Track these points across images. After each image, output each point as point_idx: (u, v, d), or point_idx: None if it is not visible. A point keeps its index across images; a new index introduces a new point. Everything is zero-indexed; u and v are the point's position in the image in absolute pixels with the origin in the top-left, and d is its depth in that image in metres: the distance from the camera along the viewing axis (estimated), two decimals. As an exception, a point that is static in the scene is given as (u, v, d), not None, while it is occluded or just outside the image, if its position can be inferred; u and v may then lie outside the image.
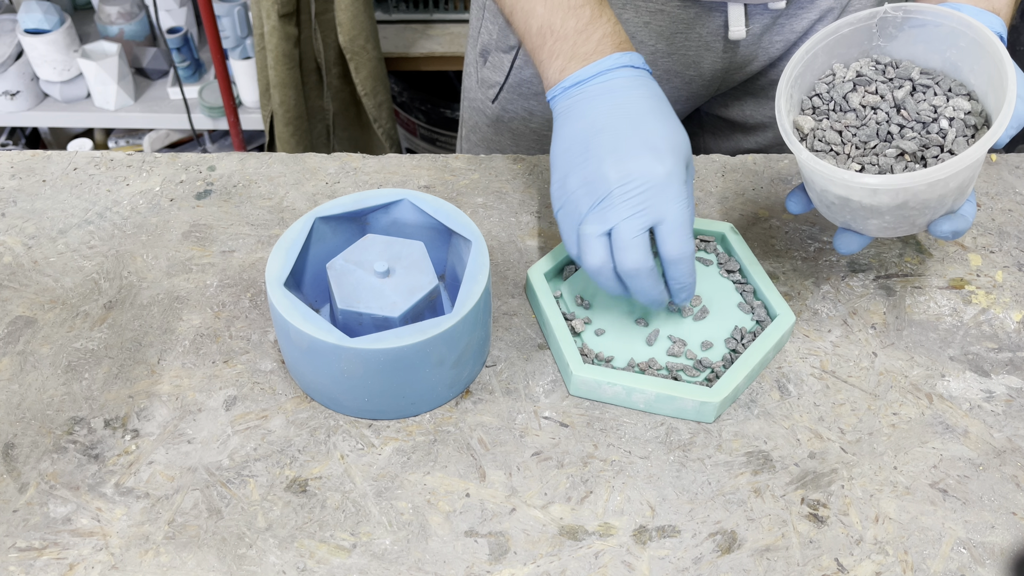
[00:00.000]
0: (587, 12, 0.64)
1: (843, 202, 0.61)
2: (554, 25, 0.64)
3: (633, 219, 0.59)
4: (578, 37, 0.64)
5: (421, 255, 0.63)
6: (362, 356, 0.57)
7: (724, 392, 0.61)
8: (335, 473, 0.59)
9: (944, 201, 0.60)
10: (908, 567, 0.56)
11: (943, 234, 0.62)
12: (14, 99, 1.78)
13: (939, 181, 0.57)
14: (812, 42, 0.63)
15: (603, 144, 0.61)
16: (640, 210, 0.59)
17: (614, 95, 0.62)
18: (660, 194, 0.60)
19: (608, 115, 0.62)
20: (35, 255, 0.72)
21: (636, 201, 0.59)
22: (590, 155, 0.61)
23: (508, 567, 0.55)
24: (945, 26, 0.61)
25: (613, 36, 0.64)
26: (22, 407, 0.62)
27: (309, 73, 1.67)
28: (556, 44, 0.64)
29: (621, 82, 0.63)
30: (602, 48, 0.64)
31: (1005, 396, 0.65)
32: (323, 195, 0.78)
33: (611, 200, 0.60)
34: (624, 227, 0.60)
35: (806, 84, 0.65)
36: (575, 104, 0.63)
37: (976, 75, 0.61)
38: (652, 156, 0.60)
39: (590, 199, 0.61)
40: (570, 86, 0.64)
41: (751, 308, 0.68)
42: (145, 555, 0.55)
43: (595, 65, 0.63)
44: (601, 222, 0.60)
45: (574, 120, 0.63)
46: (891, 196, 0.58)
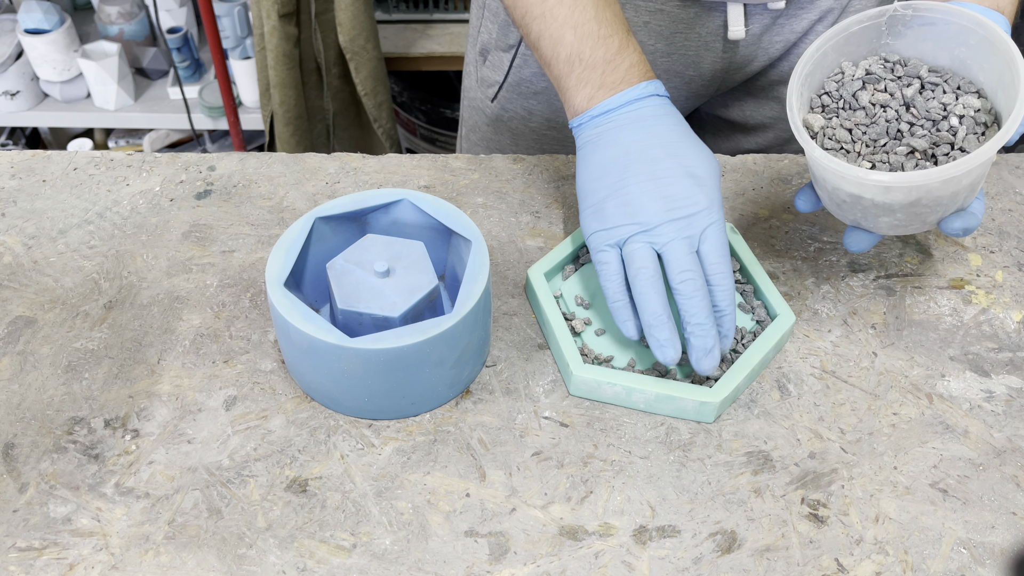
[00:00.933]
0: (615, 42, 0.65)
1: (855, 200, 0.61)
2: (583, 54, 0.65)
3: (684, 240, 0.61)
4: (607, 66, 0.65)
5: (421, 255, 0.63)
6: (362, 356, 0.57)
7: (724, 392, 0.61)
8: (335, 473, 0.59)
9: (956, 198, 0.60)
10: (908, 567, 0.56)
11: (954, 231, 0.62)
12: (14, 99, 1.78)
13: (953, 178, 0.57)
14: (822, 40, 0.63)
15: (641, 171, 0.62)
16: (688, 231, 0.61)
17: (644, 123, 0.64)
18: (702, 219, 0.61)
19: (641, 143, 0.63)
20: (35, 255, 0.72)
21: (683, 225, 0.61)
22: (629, 181, 0.62)
23: (508, 567, 0.55)
24: (955, 24, 0.61)
25: (640, 66, 0.66)
26: (22, 407, 0.62)
27: (309, 73, 1.67)
28: (584, 72, 0.65)
29: (649, 111, 0.64)
30: (630, 77, 0.65)
31: (1005, 396, 0.65)
32: (323, 195, 0.78)
33: (658, 224, 0.61)
34: (677, 245, 0.61)
35: (815, 82, 0.65)
36: (605, 132, 0.64)
37: (986, 73, 0.61)
38: (693, 182, 0.62)
39: (634, 225, 0.62)
40: (599, 114, 0.65)
41: (751, 308, 0.68)
42: (145, 555, 0.55)
43: (624, 94, 0.64)
44: (650, 242, 0.62)
45: (605, 147, 0.64)
46: (904, 194, 0.58)
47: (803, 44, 0.85)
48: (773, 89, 0.89)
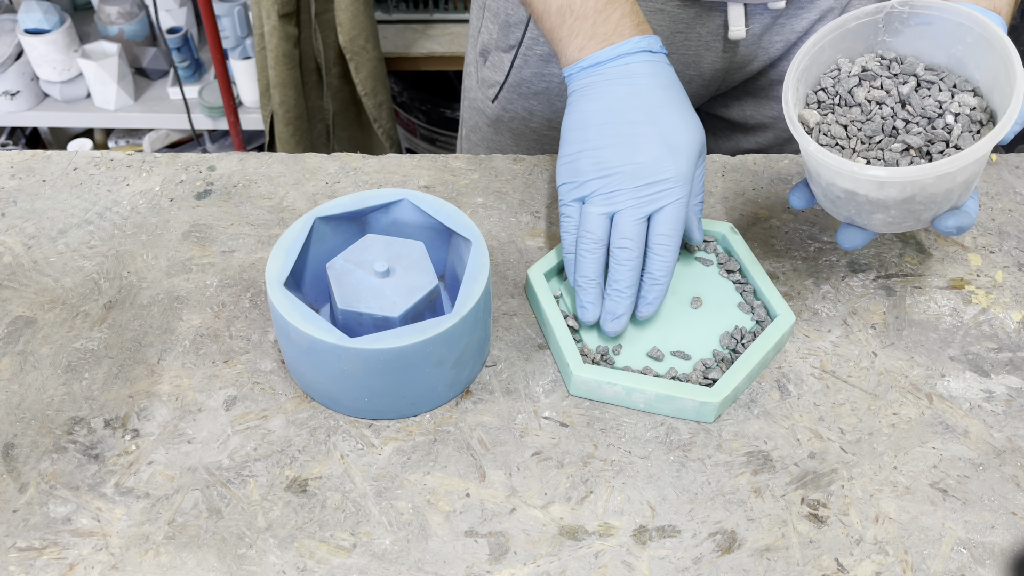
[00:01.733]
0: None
1: (849, 196, 0.61)
2: (574, 5, 0.65)
3: (636, 208, 0.63)
4: (597, 16, 0.65)
5: (421, 255, 0.63)
6: (362, 356, 0.57)
7: (724, 392, 0.61)
8: (335, 473, 0.59)
9: (950, 196, 0.60)
10: (908, 567, 0.56)
11: (948, 230, 0.62)
12: (14, 99, 1.78)
13: (947, 175, 0.57)
14: (818, 36, 0.63)
15: (619, 132, 0.63)
16: (645, 200, 0.63)
17: (632, 81, 0.64)
18: (666, 189, 0.62)
19: (626, 102, 0.64)
20: (35, 255, 0.72)
21: (643, 192, 0.62)
22: (605, 140, 0.63)
23: (508, 567, 0.55)
24: (951, 21, 0.61)
25: (632, 17, 0.65)
26: (22, 407, 0.62)
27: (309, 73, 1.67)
28: (576, 23, 0.65)
29: (640, 67, 0.64)
30: (621, 29, 0.65)
31: (1005, 396, 0.65)
32: (323, 195, 0.78)
33: (620, 189, 0.63)
34: (628, 213, 0.63)
35: (811, 78, 0.65)
36: (593, 84, 0.65)
37: (982, 71, 0.61)
38: (666, 152, 0.62)
39: (599, 182, 0.63)
40: (588, 66, 0.65)
41: (751, 308, 0.68)
42: (145, 555, 0.55)
43: (614, 48, 0.64)
44: (607, 205, 0.63)
45: (591, 100, 0.64)
46: (899, 189, 0.58)
47: (803, 44, 0.84)
48: (773, 89, 0.89)
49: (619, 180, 0.63)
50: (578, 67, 0.66)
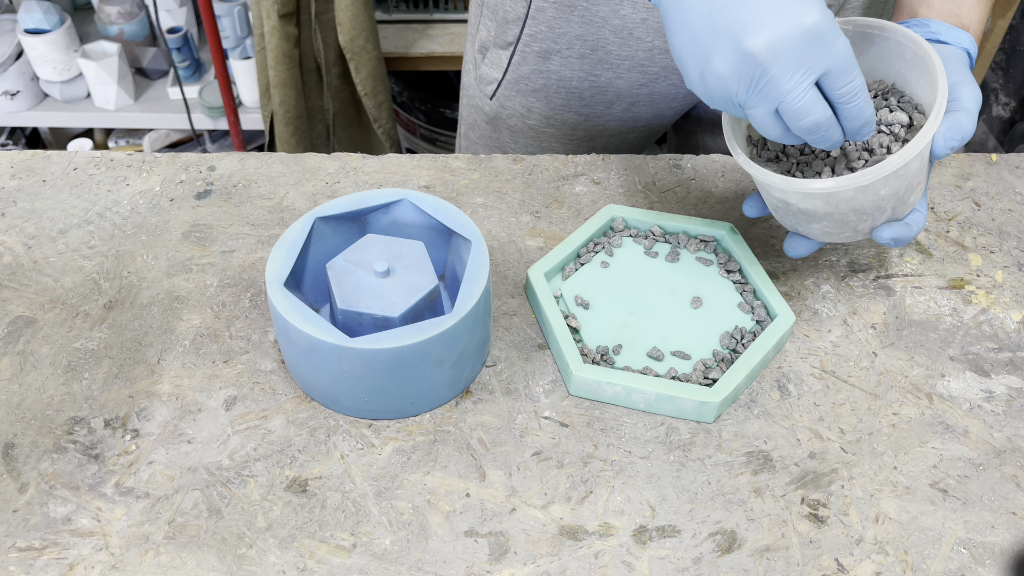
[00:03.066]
0: None
1: (784, 206, 0.64)
2: None
3: (797, 85, 0.54)
4: None
5: (421, 255, 0.63)
6: (362, 356, 0.57)
7: (724, 392, 0.61)
8: (335, 473, 0.59)
9: (881, 208, 0.62)
10: (908, 567, 0.56)
11: (884, 240, 0.63)
12: (14, 99, 1.78)
13: (868, 187, 0.59)
14: None
15: (732, 18, 0.54)
16: (801, 71, 0.54)
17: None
18: (815, 45, 0.53)
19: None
20: (35, 255, 0.72)
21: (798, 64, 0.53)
22: (720, 35, 0.54)
23: (508, 567, 0.55)
24: (891, 40, 0.64)
25: None
26: (22, 407, 0.62)
27: (309, 73, 1.67)
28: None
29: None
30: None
31: (1005, 396, 0.65)
32: (323, 195, 0.78)
33: (766, 77, 0.54)
34: (791, 96, 0.54)
35: None
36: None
37: (922, 87, 0.63)
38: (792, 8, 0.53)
39: (744, 83, 0.55)
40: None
41: (751, 308, 0.68)
42: (145, 555, 0.55)
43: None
44: (765, 102, 0.55)
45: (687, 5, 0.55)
46: (823, 200, 0.61)
47: None
48: None
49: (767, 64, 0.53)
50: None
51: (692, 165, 0.82)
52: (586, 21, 0.83)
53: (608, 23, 0.83)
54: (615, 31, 0.83)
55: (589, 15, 0.83)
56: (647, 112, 0.91)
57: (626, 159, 0.82)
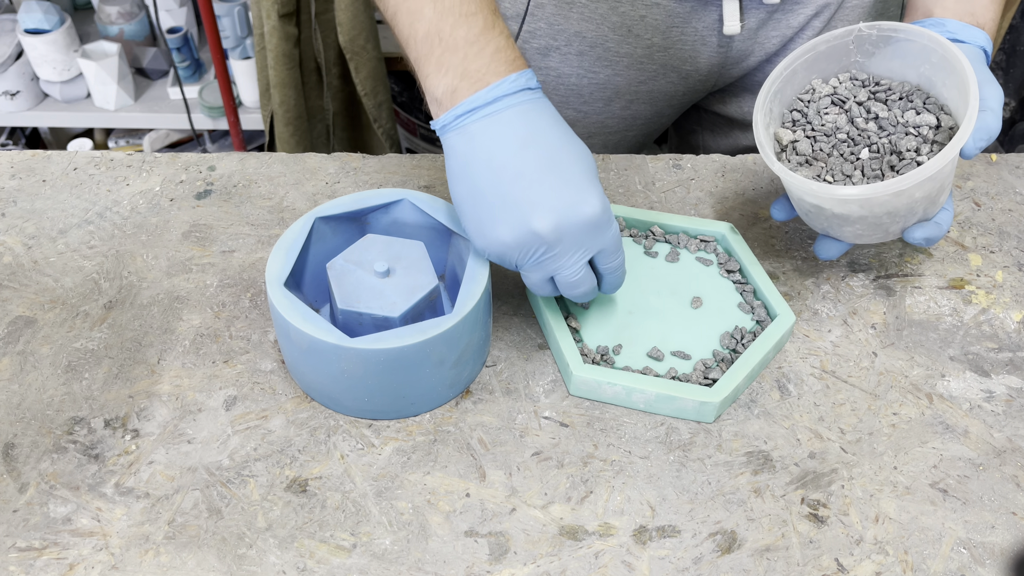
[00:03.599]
0: (479, 21, 0.57)
1: (817, 211, 0.65)
2: (443, 32, 0.57)
3: (574, 264, 0.58)
4: (469, 49, 0.57)
5: (421, 255, 0.63)
6: (362, 356, 0.57)
7: (724, 392, 0.61)
8: (335, 473, 0.59)
9: (914, 210, 0.63)
10: (908, 567, 0.56)
11: (917, 241, 0.65)
12: (14, 99, 1.78)
13: (904, 191, 0.60)
14: (791, 59, 0.67)
15: (522, 195, 0.56)
16: (578, 253, 0.58)
17: (517, 129, 0.57)
18: (592, 231, 0.57)
19: (518, 156, 0.56)
20: (35, 255, 0.72)
21: (574, 247, 0.57)
22: (510, 208, 0.56)
23: (508, 567, 0.55)
24: (917, 43, 0.64)
25: (506, 51, 0.58)
26: (22, 407, 0.62)
27: (309, 73, 1.67)
28: (444, 55, 0.57)
29: (521, 110, 0.57)
30: (495, 67, 0.57)
31: (1005, 396, 0.65)
32: (323, 195, 0.78)
33: (550, 254, 0.57)
34: (570, 270, 0.59)
35: (787, 98, 0.68)
36: (474, 140, 0.57)
37: (948, 89, 0.64)
38: (578, 197, 0.56)
39: (525, 254, 0.58)
40: (463, 113, 0.57)
41: (751, 308, 0.68)
42: (145, 555, 0.55)
43: (491, 89, 0.56)
44: (542, 271, 0.59)
45: (479, 161, 0.57)
46: (859, 205, 0.62)
47: (799, 40, 0.85)
48: None
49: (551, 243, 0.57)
50: (452, 115, 0.57)
51: (692, 165, 0.82)
52: (585, 18, 0.83)
53: (607, 20, 0.83)
54: (614, 28, 0.83)
55: (588, 12, 0.83)
56: (646, 110, 0.91)
57: (626, 159, 0.82)
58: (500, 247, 0.58)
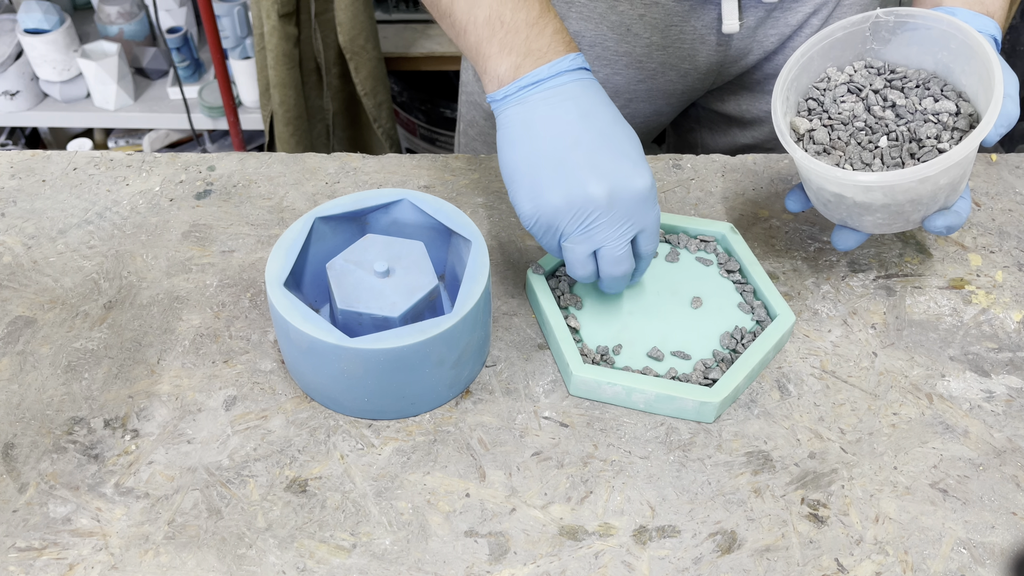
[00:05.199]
0: (537, 5, 0.61)
1: (838, 200, 0.63)
2: (504, 16, 0.60)
3: (620, 237, 0.60)
4: (530, 30, 0.60)
5: (421, 255, 0.63)
6: (362, 356, 0.57)
7: (724, 392, 0.61)
8: (335, 473, 0.59)
9: (936, 197, 0.62)
10: (908, 567, 0.56)
11: (937, 229, 0.65)
12: (14, 99, 1.78)
13: (929, 178, 0.59)
14: (807, 46, 0.66)
15: (580, 161, 0.59)
16: (627, 226, 0.60)
17: (579, 101, 0.60)
18: (642, 206, 0.60)
19: (578, 125, 0.59)
20: (35, 255, 0.72)
21: (623, 218, 0.60)
22: (568, 172, 0.59)
23: (508, 567, 0.55)
24: (935, 29, 0.64)
25: (562, 33, 0.61)
26: (22, 407, 0.62)
27: (309, 73, 1.67)
28: (507, 37, 0.60)
29: (580, 86, 0.60)
30: (555, 46, 0.61)
31: (1005, 396, 0.65)
32: (323, 195, 0.78)
33: (599, 221, 0.59)
34: (613, 245, 0.60)
35: (802, 87, 0.67)
36: (535, 109, 0.60)
37: (967, 76, 0.63)
38: (633, 170, 0.59)
39: (575, 220, 0.59)
40: (527, 85, 0.60)
41: (751, 308, 0.68)
42: (145, 555, 0.55)
43: (554, 65, 0.60)
44: (589, 242, 0.60)
45: (539, 128, 0.60)
46: (883, 193, 0.61)
47: (797, 38, 0.85)
48: (768, 83, 0.90)
49: (602, 210, 0.59)
50: (515, 87, 0.60)
51: (692, 165, 0.82)
52: (584, 17, 0.83)
53: (606, 19, 0.83)
54: (613, 27, 0.83)
55: (587, 11, 0.83)
56: (645, 108, 0.91)
57: (626, 159, 0.82)
58: (552, 211, 0.59)
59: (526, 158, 0.60)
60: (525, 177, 0.60)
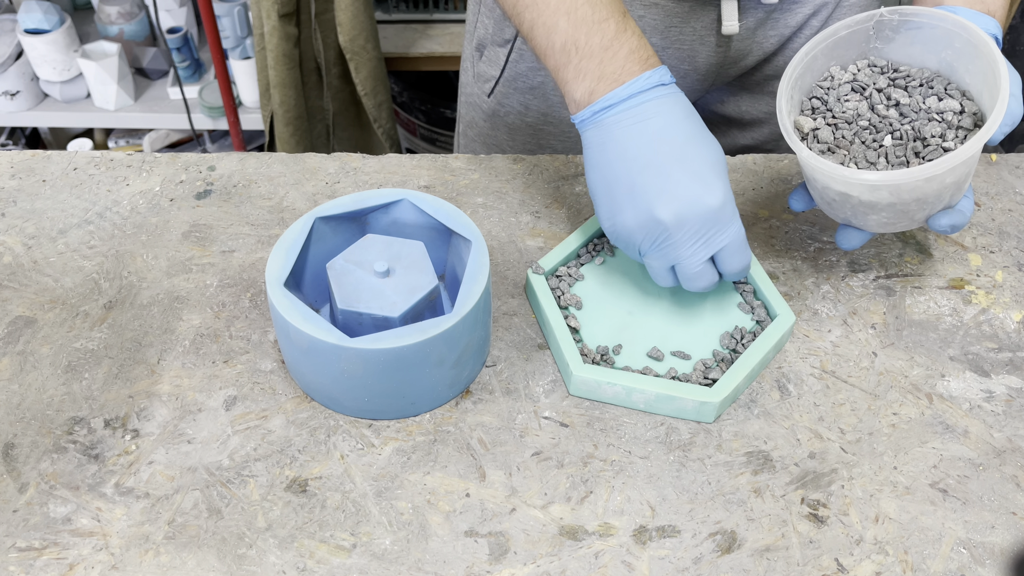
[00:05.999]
0: (612, 27, 0.62)
1: (843, 198, 0.63)
2: (579, 42, 0.62)
3: (695, 255, 0.61)
4: (604, 54, 0.61)
5: (421, 255, 0.63)
6: (362, 356, 0.57)
7: (724, 392, 0.61)
8: (335, 473, 0.59)
9: (941, 196, 0.62)
10: (908, 567, 0.56)
11: (942, 228, 0.65)
12: (14, 99, 1.78)
13: (935, 176, 0.59)
14: (811, 45, 0.66)
15: (649, 184, 0.60)
16: (701, 244, 0.61)
17: (650, 122, 0.61)
18: (715, 224, 0.60)
19: (649, 147, 0.60)
20: (35, 255, 0.72)
21: (695, 237, 0.61)
22: (637, 195, 0.60)
23: (508, 567, 0.55)
24: (940, 28, 0.64)
25: (639, 51, 0.62)
26: (22, 407, 0.62)
27: (309, 73, 1.67)
28: (582, 63, 0.62)
29: (654, 105, 0.61)
30: (630, 67, 0.61)
31: (1005, 396, 0.65)
32: (323, 195, 0.78)
33: (670, 241, 0.61)
34: (688, 263, 0.61)
35: (806, 85, 0.67)
36: (610, 132, 0.61)
37: (971, 75, 0.63)
38: (702, 189, 0.60)
39: (648, 240, 0.61)
40: (600, 109, 0.62)
41: (751, 308, 0.68)
42: (145, 555, 0.55)
43: (626, 87, 0.61)
44: (663, 259, 0.62)
45: (612, 152, 0.61)
46: (889, 192, 0.61)
47: (797, 39, 0.85)
48: (768, 84, 0.90)
49: (672, 231, 0.60)
50: (589, 112, 0.62)
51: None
52: None
53: None
54: None
55: None
56: None
57: (626, 159, 0.82)
58: (626, 232, 0.62)
59: (603, 180, 0.62)
60: (603, 198, 0.63)
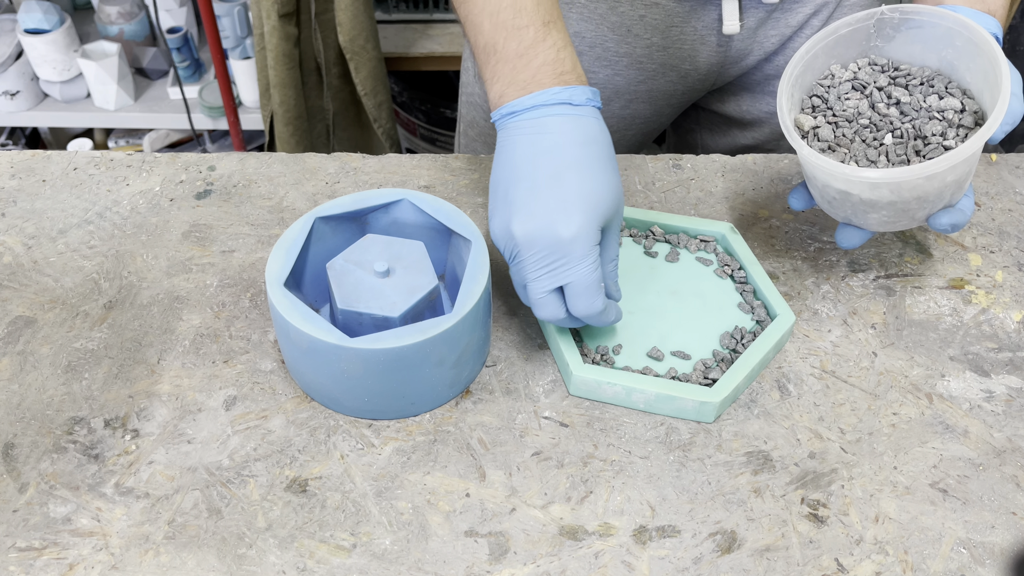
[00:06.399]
0: (530, 34, 0.60)
1: (844, 197, 0.63)
2: (497, 45, 0.60)
3: (540, 281, 0.59)
4: (518, 61, 0.60)
5: (421, 255, 0.63)
6: (362, 356, 0.57)
7: (724, 392, 0.61)
8: (335, 473, 0.59)
9: (942, 195, 0.62)
10: (908, 567, 0.56)
11: (942, 227, 0.65)
12: (14, 99, 1.78)
13: (936, 175, 0.59)
14: (812, 43, 0.65)
15: (518, 197, 0.58)
16: (545, 271, 0.58)
17: (544, 138, 0.59)
18: (564, 257, 0.57)
19: (532, 162, 0.59)
20: (35, 255, 0.72)
21: (542, 264, 0.58)
22: (507, 205, 0.59)
23: (508, 567, 0.55)
24: (941, 26, 0.64)
25: (556, 64, 0.60)
26: (22, 407, 0.62)
27: (309, 73, 1.67)
28: (498, 66, 0.61)
29: (555, 122, 0.59)
30: (540, 78, 0.59)
31: (1005, 396, 0.65)
32: (323, 195, 0.78)
33: (520, 259, 0.59)
34: (532, 287, 0.59)
35: (806, 84, 0.67)
36: (509, 138, 0.60)
37: (972, 73, 0.63)
38: (560, 217, 0.57)
39: (506, 251, 0.60)
40: (506, 115, 0.60)
41: (751, 308, 0.68)
42: (145, 555, 0.55)
43: (531, 98, 0.59)
44: (516, 275, 0.61)
45: (504, 157, 0.60)
46: (890, 190, 0.60)
47: (798, 38, 0.85)
48: (769, 84, 0.90)
49: (521, 249, 0.58)
50: (497, 114, 0.61)
51: (692, 165, 0.82)
52: (584, 18, 0.83)
53: (606, 20, 0.83)
54: (613, 28, 0.83)
55: (587, 12, 0.83)
56: (645, 109, 0.91)
57: (625, 159, 0.82)
58: (493, 237, 0.61)
59: (492, 181, 0.62)
60: (489, 199, 0.62)
